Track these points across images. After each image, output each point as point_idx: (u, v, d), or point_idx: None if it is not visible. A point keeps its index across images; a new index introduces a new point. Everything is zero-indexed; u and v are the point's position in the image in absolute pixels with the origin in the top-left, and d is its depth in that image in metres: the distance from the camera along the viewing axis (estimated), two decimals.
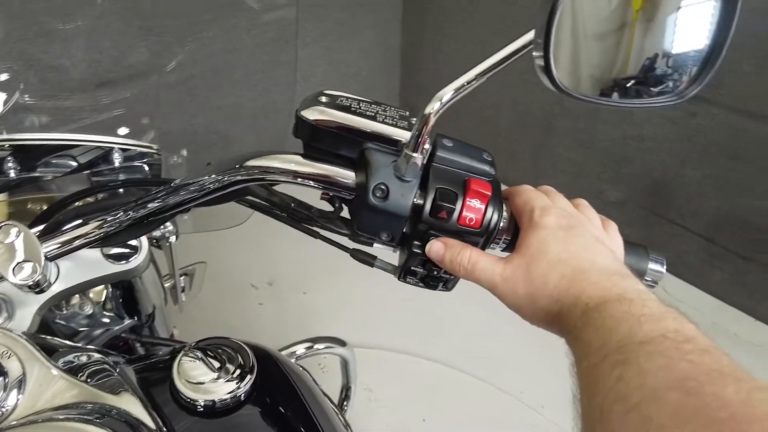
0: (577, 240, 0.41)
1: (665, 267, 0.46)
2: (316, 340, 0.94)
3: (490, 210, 0.42)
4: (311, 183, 0.44)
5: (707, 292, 1.94)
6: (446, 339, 1.76)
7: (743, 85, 1.61)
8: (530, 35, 0.36)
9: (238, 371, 0.50)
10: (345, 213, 0.49)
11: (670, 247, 1.95)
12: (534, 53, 0.36)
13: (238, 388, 0.48)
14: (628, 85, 0.40)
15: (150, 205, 0.49)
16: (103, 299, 0.74)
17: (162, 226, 0.71)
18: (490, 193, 0.42)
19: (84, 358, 0.48)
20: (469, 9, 2.20)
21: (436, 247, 0.43)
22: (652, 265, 0.46)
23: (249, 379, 0.49)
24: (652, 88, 0.40)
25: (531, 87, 2.12)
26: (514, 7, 2.04)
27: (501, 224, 0.44)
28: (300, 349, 0.92)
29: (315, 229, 0.52)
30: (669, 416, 0.25)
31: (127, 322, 0.75)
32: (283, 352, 0.94)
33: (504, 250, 0.46)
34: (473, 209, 0.42)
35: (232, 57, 1.58)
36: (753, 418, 0.23)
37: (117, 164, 0.62)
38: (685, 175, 1.85)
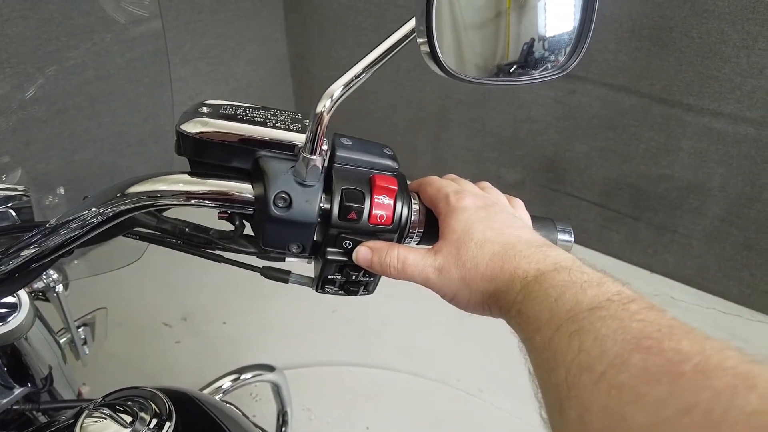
0: (498, 216, 0.41)
1: (573, 236, 0.48)
2: (241, 370, 0.89)
3: (399, 204, 0.41)
4: (205, 202, 0.41)
5: (608, 254, 2.10)
6: (376, 342, 1.75)
7: (610, 62, 1.76)
8: (412, 23, 0.36)
9: (154, 421, 0.45)
10: (248, 230, 0.45)
11: (570, 218, 2.09)
12: (418, 40, 0.35)
13: None
14: (511, 70, 0.40)
15: (23, 253, 0.43)
16: None
17: (44, 275, 0.63)
18: (396, 188, 0.41)
19: None
20: (350, 14, 2.21)
21: (362, 254, 0.41)
22: (561, 236, 0.48)
23: (168, 427, 0.45)
24: (533, 69, 0.41)
25: (422, 84, 2.17)
26: (396, 8, 2.07)
27: (412, 217, 0.43)
28: (226, 383, 0.86)
29: (218, 252, 0.48)
30: (638, 379, 0.25)
31: (18, 391, 0.65)
32: (208, 389, 0.88)
33: (419, 243, 0.45)
34: (382, 206, 0.40)
35: (107, 83, 1.47)
36: (712, 366, 0.24)
37: None
38: (574, 149, 1.98)
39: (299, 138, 0.40)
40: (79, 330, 0.83)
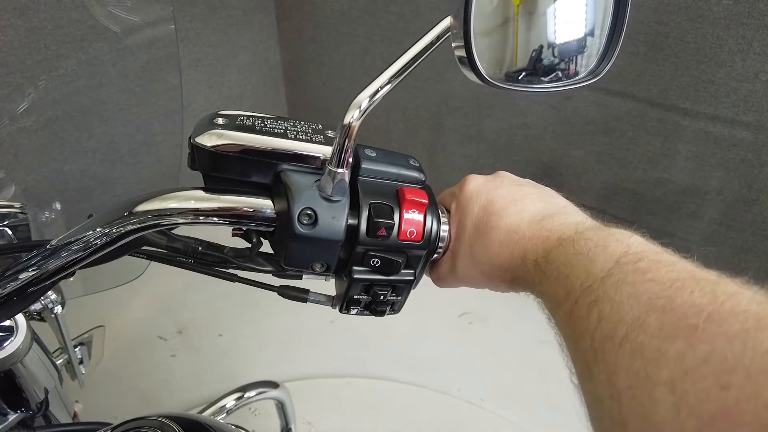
0: (499, 192, 0.42)
1: None
2: (245, 388, 0.85)
3: (429, 218, 0.39)
4: (222, 220, 0.38)
5: None
6: (377, 353, 1.72)
7: None
8: (445, 23, 0.33)
9: None
10: (265, 247, 0.43)
11: None
12: (453, 44, 0.33)
13: None
14: (547, 77, 0.39)
15: (22, 276, 0.40)
16: None
17: (42, 297, 0.60)
18: (426, 201, 0.39)
19: None
20: (344, 21, 2.19)
21: None
22: None
23: None
24: (567, 76, 0.40)
25: (415, 91, 2.16)
26: (390, 15, 2.06)
27: (442, 233, 0.41)
28: (230, 402, 0.83)
29: (231, 271, 0.45)
30: (658, 338, 0.26)
31: (13, 417, 0.62)
32: (211, 409, 0.85)
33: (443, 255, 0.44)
34: (412, 221, 0.38)
35: (100, 93, 1.44)
36: (724, 314, 0.24)
37: None
38: (571, 154, 1.97)
39: (324, 150, 0.37)
40: (76, 350, 0.79)
